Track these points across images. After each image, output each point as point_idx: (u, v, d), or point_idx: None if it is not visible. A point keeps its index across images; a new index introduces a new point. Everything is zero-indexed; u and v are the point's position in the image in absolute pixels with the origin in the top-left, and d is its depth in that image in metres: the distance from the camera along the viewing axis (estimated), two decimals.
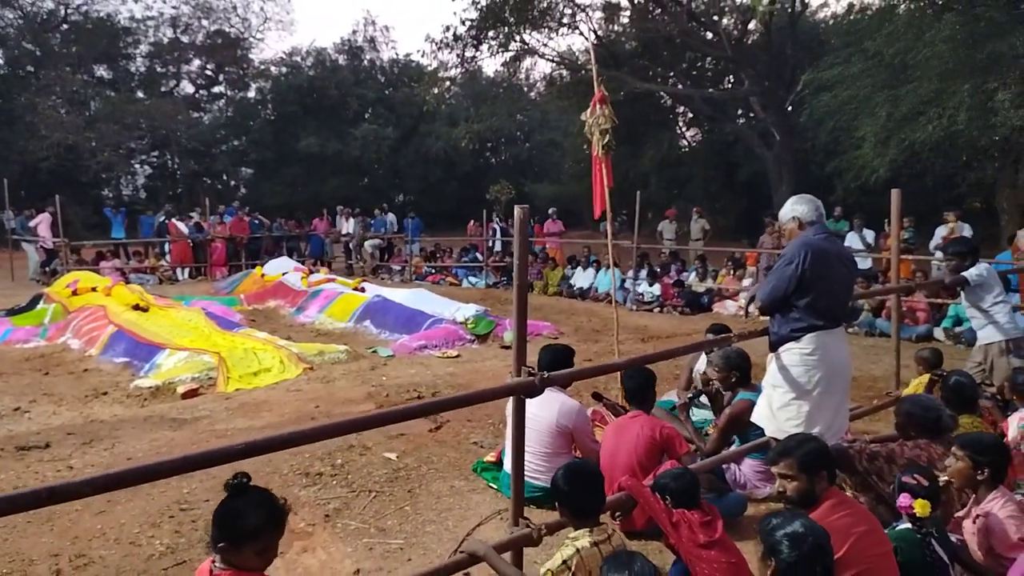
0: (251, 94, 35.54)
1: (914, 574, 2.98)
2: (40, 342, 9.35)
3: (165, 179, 33.48)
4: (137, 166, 32.48)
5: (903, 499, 3.13)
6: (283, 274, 12.92)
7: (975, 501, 3.44)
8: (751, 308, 4.06)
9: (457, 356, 8.85)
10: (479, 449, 5.48)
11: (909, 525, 3.14)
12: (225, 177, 35.51)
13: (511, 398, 3.21)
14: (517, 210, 2.87)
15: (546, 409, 4.29)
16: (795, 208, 3.92)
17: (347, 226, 19.02)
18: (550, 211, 18.64)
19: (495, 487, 4.73)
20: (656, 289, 12.75)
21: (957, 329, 9.34)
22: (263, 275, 13.38)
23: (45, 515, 4.47)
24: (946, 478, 3.42)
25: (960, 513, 3.54)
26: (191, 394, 7.07)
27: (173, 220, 17.50)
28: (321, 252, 18.93)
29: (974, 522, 3.35)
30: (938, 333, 9.51)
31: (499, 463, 4.89)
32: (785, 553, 2.29)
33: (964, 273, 5.24)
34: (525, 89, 31.77)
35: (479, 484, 4.88)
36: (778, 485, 2.93)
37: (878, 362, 8.18)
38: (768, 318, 4.00)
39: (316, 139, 30.94)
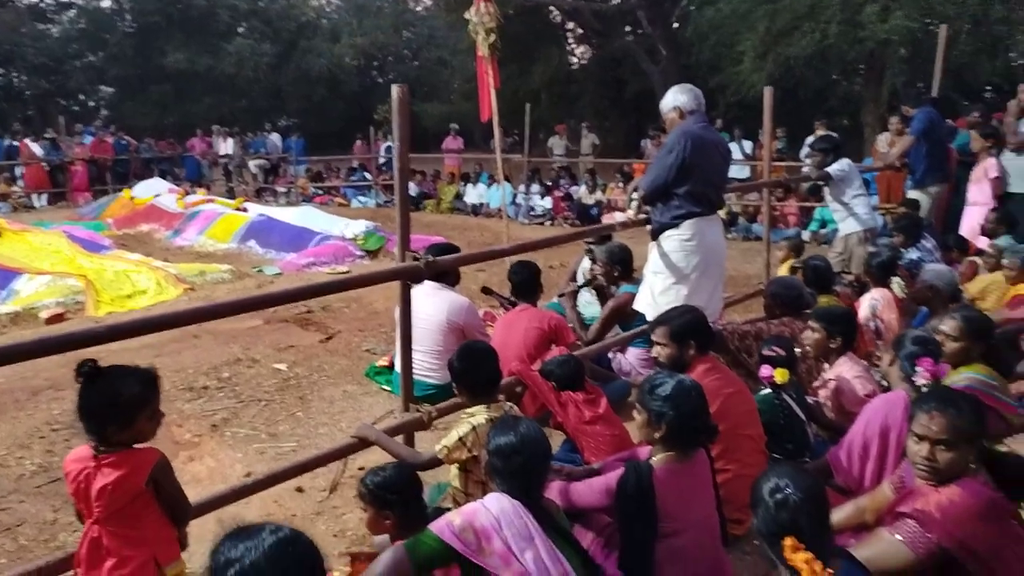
0: (105, 3, 32.13)
1: (774, 432, 3.26)
2: None
3: (12, 100, 30.11)
4: None
5: (764, 370, 3.39)
6: (155, 196, 12.07)
7: (828, 368, 3.76)
8: (635, 198, 4.15)
9: (347, 272, 8.65)
10: (371, 355, 5.46)
11: (769, 391, 3.40)
12: (83, 97, 32.37)
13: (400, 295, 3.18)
14: (395, 89, 2.75)
15: (436, 307, 4.28)
16: (676, 98, 3.99)
17: (225, 147, 17.89)
18: (450, 126, 18.24)
19: (388, 389, 4.74)
20: (547, 203, 12.89)
21: (823, 231, 10.01)
22: (132, 198, 12.45)
23: None
24: (804, 348, 3.72)
25: (817, 383, 3.87)
26: (56, 319, 6.61)
27: (25, 141, 15.87)
28: (198, 175, 17.76)
29: (825, 385, 3.68)
30: (806, 235, 10.15)
31: (392, 367, 4.89)
32: (671, 414, 2.37)
33: (827, 169, 5.58)
34: (411, 2, 30.42)
35: (372, 388, 4.88)
36: (654, 351, 3.09)
37: (752, 262, 8.67)
38: (650, 208, 4.11)
39: (184, 54, 28.52)
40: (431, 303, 4.28)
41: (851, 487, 2.88)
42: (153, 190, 12.57)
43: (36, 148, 15.79)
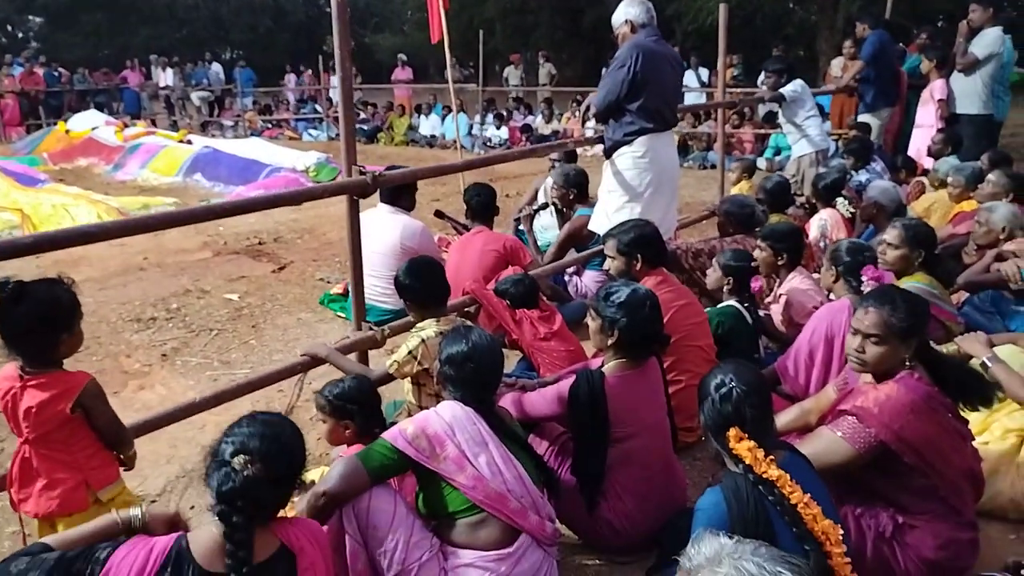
0: None
1: (732, 343, 3.32)
2: None
3: None
4: None
5: (756, 281, 3.43)
6: (92, 129, 11.50)
7: (778, 284, 3.83)
8: (588, 115, 4.09)
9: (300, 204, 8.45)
10: (326, 284, 5.38)
11: (731, 303, 3.46)
12: (10, 28, 30.43)
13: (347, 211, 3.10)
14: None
15: (389, 231, 4.21)
16: (627, 11, 3.89)
17: (164, 78, 17.07)
18: (399, 56, 17.67)
19: (343, 315, 4.69)
20: (503, 133, 12.69)
21: (777, 158, 10.08)
22: (68, 131, 11.84)
23: None
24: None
25: (769, 298, 3.94)
26: None
27: None
28: (137, 108, 16.95)
29: (777, 300, 3.75)
30: (761, 163, 10.21)
31: (346, 294, 4.82)
32: (624, 321, 2.39)
33: (781, 90, 5.57)
34: None
35: (327, 315, 4.83)
36: (606, 265, 3.10)
37: (708, 189, 8.70)
38: (603, 125, 4.06)
39: None
40: (385, 227, 4.20)
41: (797, 394, 2.96)
42: (90, 123, 11.96)
43: None
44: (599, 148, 4.26)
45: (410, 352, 2.64)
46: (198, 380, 3.92)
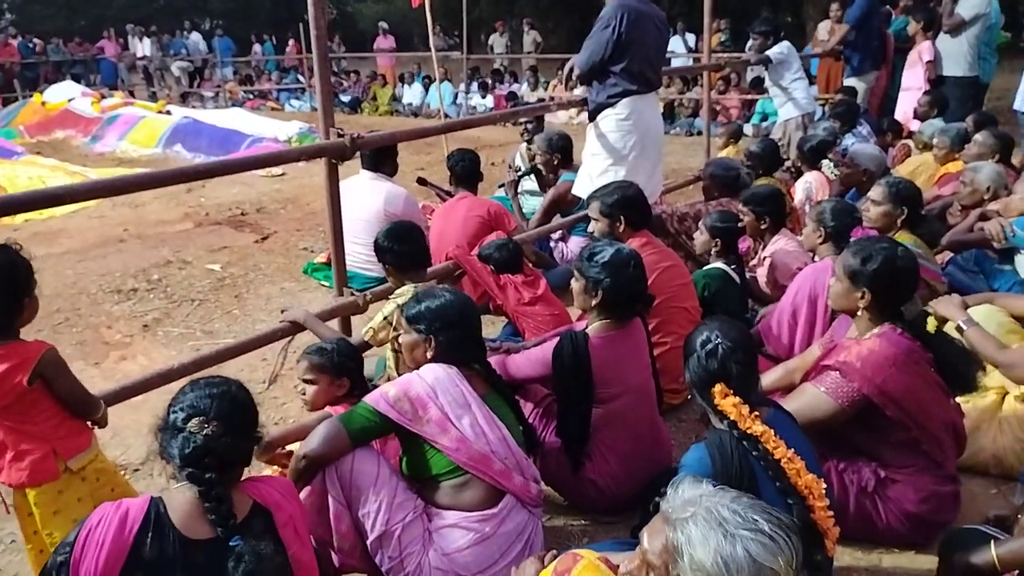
0: None
1: (720, 305, 3.31)
2: None
3: None
4: None
5: (745, 242, 3.40)
6: (69, 101, 11.25)
7: (763, 248, 3.81)
8: (572, 77, 4.02)
9: (282, 174, 8.31)
10: (309, 254, 5.32)
11: (719, 265, 3.44)
12: None
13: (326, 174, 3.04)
14: None
15: (372, 197, 4.16)
16: None
17: (142, 48, 16.71)
18: (380, 25, 17.35)
19: (327, 284, 4.63)
20: (489, 101, 12.55)
21: (764, 124, 10.02)
22: (44, 103, 11.58)
23: None
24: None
25: (754, 261, 3.93)
26: None
27: None
28: (115, 78, 16.61)
29: (762, 263, 3.74)
30: (748, 129, 10.15)
31: (330, 263, 4.76)
32: (608, 281, 2.37)
33: (768, 52, 5.51)
34: None
35: (311, 284, 4.78)
36: (590, 227, 3.07)
37: (695, 156, 8.65)
38: (586, 87, 4.00)
39: None
40: (367, 193, 4.15)
41: (780, 355, 2.96)
42: (66, 94, 11.70)
43: None
44: (583, 117, 4.22)
45: (385, 317, 2.62)
46: (180, 350, 3.88)
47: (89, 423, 2.05)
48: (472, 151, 4.38)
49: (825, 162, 4.78)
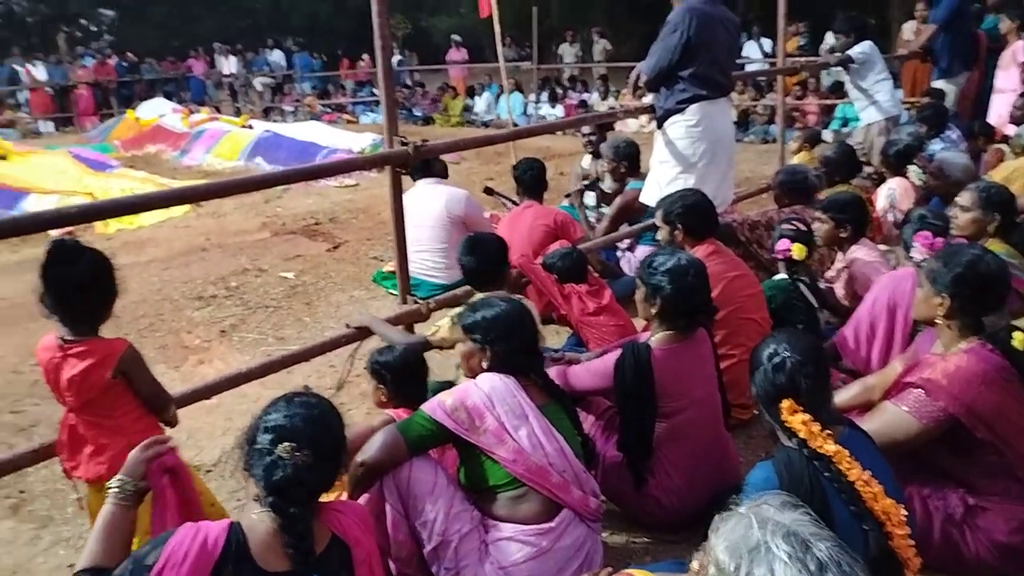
0: None
1: (785, 319, 3.18)
2: None
3: (14, 28, 29.54)
4: None
5: (781, 244, 3.25)
6: (160, 116, 11.89)
7: (841, 257, 3.64)
8: (639, 84, 3.95)
9: (355, 185, 8.53)
10: (378, 262, 5.41)
11: (784, 276, 3.31)
12: (84, 21, 31.68)
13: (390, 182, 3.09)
14: None
15: (433, 201, 4.18)
16: None
17: (228, 65, 17.51)
18: (452, 38, 17.65)
19: (394, 293, 4.69)
20: (559, 111, 12.53)
21: (844, 130, 9.64)
22: (137, 119, 12.27)
23: None
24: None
25: (831, 273, 3.76)
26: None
27: (27, 66, 15.64)
28: (202, 94, 17.46)
29: (839, 274, 3.56)
30: (827, 135, 9.79)
31: None
32: (668, 289, 2.31)
33: (849, 51, 5.28)
34: None
35: (379, 292, 4.86)
36: (657, 236, 3.00)
37: (769, 164, 8.41)
38: (654, 94, 3.92)
39: None
40: (428, 199, 4.19)
41: (858, 368, 2.82)
42: (158, 110, 12.37)
43: (38, 72, 15.56)
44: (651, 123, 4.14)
45: (451, 319, 2.64)
46: (253, 355, 4.00)
47: (161, 422, 2.13)
48: (538, 160, 4.37)
49: (912, 168, 4.53)
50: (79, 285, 1.88)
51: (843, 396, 2.52)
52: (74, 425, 1.96)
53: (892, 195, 4.43)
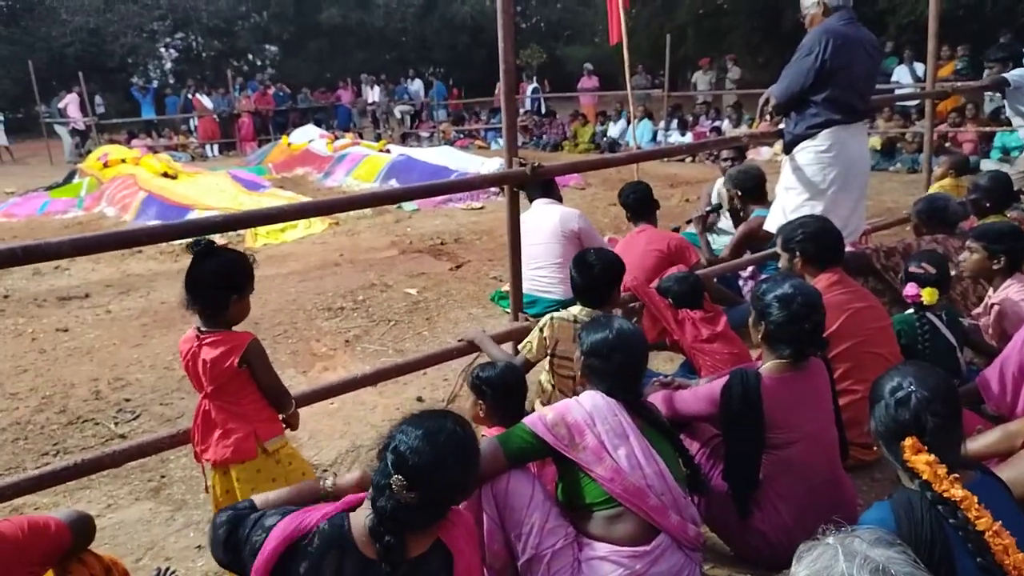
0: None
1: (919, 356, 2.96)
2: (78, 212, 9.59)
3: (191, 62, 32.90)
4: (163, 50, 31.92)
5: (909, 288, 3.06)
6: (309, 141, 12.85)
7: (994, 291, 3.33)
8: (768, 108, 3.83)
9: (482, 208, 8.79)
10: (498, 282, 5.53)
11: (912, 311, 3.08)
12: (251, 56, 34.76)
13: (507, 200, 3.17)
14: None
15: (546, 219, 4.21)
16: None
17: (372, 94, 18.64)
18: (585, 66, 17.88)
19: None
20: (688, 138, 12.33)
21: (1004, 161, 8.85)
22: (289, 144, 13.33)
23: (85, 349, 4.73)
24: (959, 269, 3.32)
25: (979, 308, 3.45)
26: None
27: (197, 95, 17.38)
28: (348, 121, 18.68)
29: (989, 312, 3.27)
30: (985, 164, 9.03)
31: None
32: (774, 314, 2.24)
33: (1005, 74, 4.87)
34: None
35: (496, 311, 4.97)
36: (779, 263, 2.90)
37: (915, 194, 7.83)
38: (785, 118, 3.79)
39: (338, 10, 29.80)
40: (542, 217, 4.23)
41: (1003, 413, 2.57)
42: (307, 136, 13.37)
43: (206, 101, 17.25)
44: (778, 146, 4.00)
45: (539, 329, 2.68)
46: (373, 365, 4.17)
47: (282, 420, 2.29)
48: (643, 183, 4.33)
49: None
50: (213, 277, 2.08)
51: (982, 442, 2.31)
52: (207, 411, 2.15)
53: None
